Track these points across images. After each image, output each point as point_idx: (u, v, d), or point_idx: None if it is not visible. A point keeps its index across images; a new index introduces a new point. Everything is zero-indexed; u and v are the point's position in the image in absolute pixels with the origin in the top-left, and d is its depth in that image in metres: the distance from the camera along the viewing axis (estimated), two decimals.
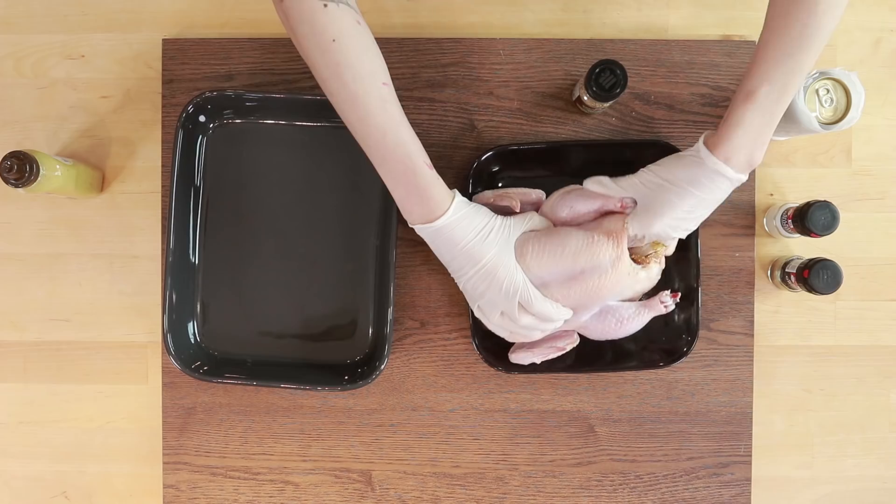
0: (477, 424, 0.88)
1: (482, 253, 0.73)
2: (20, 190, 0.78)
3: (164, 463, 0.89)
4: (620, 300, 0.79)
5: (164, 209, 0.88)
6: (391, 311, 0.82)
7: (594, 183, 0.78)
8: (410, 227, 0.72)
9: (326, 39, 0.65)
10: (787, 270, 0.84)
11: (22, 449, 0.91)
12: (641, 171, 0.76)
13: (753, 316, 0.88)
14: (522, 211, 0.80)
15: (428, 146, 0.70)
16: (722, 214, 0.87)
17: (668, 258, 0.79)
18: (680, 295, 0.81)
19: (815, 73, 0.79)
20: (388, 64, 0.69)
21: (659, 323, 0.85)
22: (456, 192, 0.73)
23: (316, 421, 0.88)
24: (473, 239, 0.72)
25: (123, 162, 0.90)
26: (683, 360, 0.84)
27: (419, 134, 0.70)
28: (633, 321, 0.79)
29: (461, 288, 0.76)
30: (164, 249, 0.85)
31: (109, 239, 0.90)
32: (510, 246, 0.74)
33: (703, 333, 0.87)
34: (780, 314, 0.89)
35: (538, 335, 0.78)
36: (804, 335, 0.89)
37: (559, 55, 0.88)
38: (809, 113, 0.78)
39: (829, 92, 0.80)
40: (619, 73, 0.77)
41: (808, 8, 0.64)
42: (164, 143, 0.88)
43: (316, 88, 0.87)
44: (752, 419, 0.88)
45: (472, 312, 0.84)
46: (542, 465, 0.88)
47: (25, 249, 0.90)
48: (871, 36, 0.89)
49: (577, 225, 0.78)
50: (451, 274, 0.76)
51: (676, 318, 0.85)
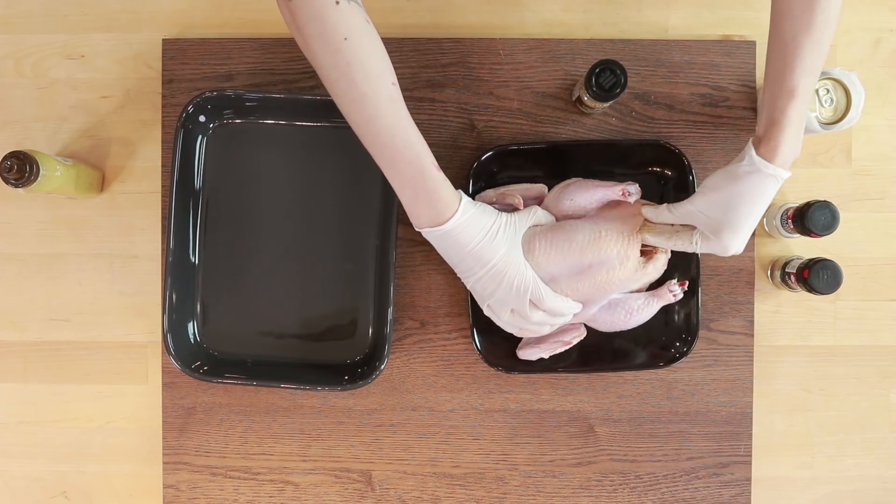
0: (477, 424, 0.88)
1: (492, 253, 0.72)
2: (20, 190, 0.78)
3: (164, 463, 0.89)
4: (628, 292, 0.79)
5: (164, 209, 0.88)
6: (391, 311, 0.82)
7: (652, 213, 0.75)
8: (417, 230, 0.71)
9: (338, 38, 0.64)
10: (787, 270, 0.84)
11: (22, 449, 0.91)
12: (695, 196, 0.72)
13: (753, 316, 0.88)
14: (525, 206, 0.80)
15: (428, 146, 0.70)
16: None
17: (668, 260, 0.79)
18: (687, 284, 0.81)
19: None
20: (386, 51, 0.68)
21: (659, 323, 0.85)
22: (462, 192, 0.72)
23: (316, 421, 0.88)
24: (482, 240, 0.72)
25: (123, 162, 0.90)
26: (683, 360, 0.84)
27: None
28: (642, 312, 0.79)
29: (469, 288, 0.76)
30: (164, 249, 0.85)
31: (109, 239, 0.90)
32: (518, 243, 0.74)
33: (703, 333, 0.87)
34: (780, 314, 0.89)
35: (548, 330, 0.78)
36: (804, 335, 0.89)
37: (559, 55, 0.88)
38: (809, 113, 0.78)
39: (829, 92, 0.80)
40: (619, 73, 0.77)
41: None
42: (164, 143, 0.88)
43: (316, 88, 0.88)
44: (752, 419, 0.88)
45: (471, 312, 0.84)
46: (542, 465, 0.88)
47: (25, 249, 0.90)
48: (871, 36, 0.89)
49: (581, 217, 0.78)
50: (458, 275, 0.75)
51: (676, 318, 0.85)
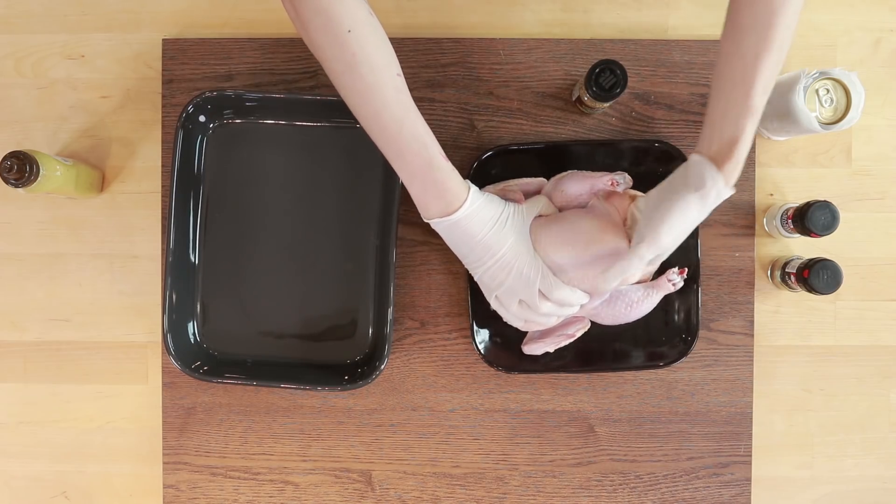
0: (477, 424, 0.88)
1: (501, 242, 0.72)
2: (20, 190, 0.78)
3: (164, 463, 0.89)
4: (630, 284, 0.78)
5: (164, 209, 0.88)
6: (391, 311, 0.82)
7: (609, 282, 0.72)
8: (426, 221, 0.71)
9: (342, 31, 0.64)
10: (787, 270, 0.84)
11: (22, 449, 0.91)
12: (654, 232, 0.69)
13: (753, 316, 0.88)
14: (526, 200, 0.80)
15: None
16: (722, 214, 0.87)
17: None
18: (686, 271, 0.79)
19: (815, 72, 0.79)
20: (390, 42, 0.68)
21: (659, 323, 0.85)
22: (470, 182, 0.72)
23: (316, 421, 0.88)
24: (491, 229, 0.71)
25: (123, 162, 0.90)
26: (683, 360, 0.84)
27: None
28: (643, 303, 0.78)
29: (477, 279, 0.75)
30: (164, 249, 0.85)
31: (109, 239, 0.90)
32: (526, 232, 0.74)
33: (703, 333, 0.87)
34: (780, 314, 0.89)
35: (554, 321, 0.77)
36: (804, 335, 0.89)
37: (559, 55, 0.88)
38: (809, 113, 0.78)
39: (829, 92, 0.80)
40: (619, 73, 0.77)
41: (788, 3, 0.62)
42: (164, 143, 0.88)
43: (316, 88, 0.88)
44: (752, 419, 0.88)
45: (471, 312, 0.84)
46: (542, 465, 0.88)
47: (25, 249, 0.90)
48: (871, 36, 0.89)
49: (580, 206, 0.78)
50: (466, 266, 0.75)
51: (676, 318, 0.85)
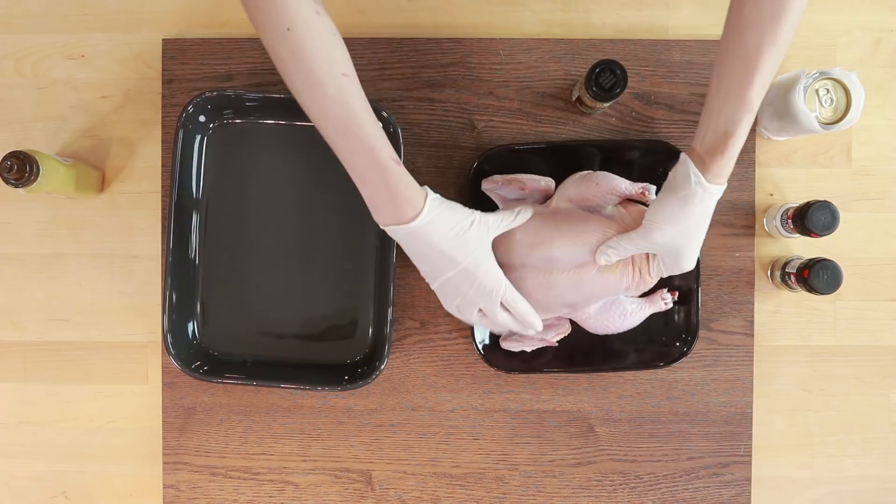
0: (477, 424, 0.88)
1: (463, 253, 0.70)
2: (20, 190, 0.78)
3: (164, 463, 0.89)
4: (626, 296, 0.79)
5: (164, 209, 0.88)
6: (391, 311, 0.82)
7: (604, 257, 0.74)
8: (381, 228, 0.70)
9: (281, 28, 0.63)
10: (787, 270, 0.84)
11: (22, 449, 0.91)
12: (649, 231, 0.71)
13: (753, 316, 0.88)
14: (531, 197, 0.80)
15: (428, 146, 0.70)
16: (722, 214, 0.87)
17: None
18: (678, 294, 0.82)
19: (815, 72, 0.79)
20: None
21: (659, 323, 0.85)
22: (427, 189, 0.70)
23: (316, 421, 0.88)
24: (452, 239, 0.70)
25: (123, 162, 0.90)
26: (683, 360, 0.84)
27: (419, 134, 0.70)
28: (635, 315, 0.79)
29: (434, 289, 0.74)
30: (164, 249, 0.85)
31: (109, 239, 0.90)
32: (488, 243, 0.72)
33: (703, 333, 0.87)
34: (780, 314, 0.89)
35: (510, 330, 0.77)
36: (804, 335, 0.89)
37: (559, 55, 0.88)
38: (809, 113, 0.78)
39: (829, 92, 0.79)
40: (619, 73, 0.77)
41: (792, 2, 0.62)
42: (164, 143, 0.88)
43: None
44: (752, 419, 0.88)
45: None
46: (542, 465, 0.88)
47: (25, 249, 0.90)
48: (871, 36, 0.89)
49: (592, 207, 0.78)
50: (423, 275, 0.73)
51: (676, 318, 0.85)
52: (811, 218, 0.79)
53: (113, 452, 0.91)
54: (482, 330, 0.85)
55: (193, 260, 0.87)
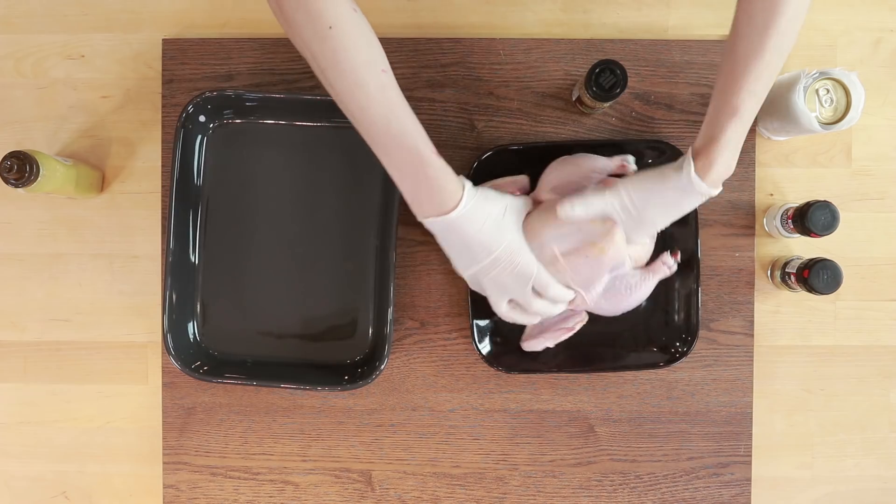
0: (477, 424, 0.88)
1: (498, 241, 0.71)
2: (20, 190, 0.78)
3: (164, 463, 0.89)
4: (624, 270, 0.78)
5: (164, 209, 0.88)
6: (391, 311, 0.82)
7: (569, 208, 0.72)
8: (420, 220, 0.70)
9: (323, 27, 0.63)
10: (787, 270, 0.84)
11: (22, 449, 0.91)
12: (621, 188, 0.72)
13: (753, 316, 0.88)
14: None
15: None
16: (722, 214, 0.87)
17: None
18: (680, 254, 0.79)
19: (815, 72, 0.79)
20: (378, 40, 0.68)
21: (659, 323, 0.85)
22: (464, 179, 0.71)
23: (316, 421, 0.88)
24: (489, 227, 0.70)
25: (123, 162, 0.90)
26: (683, 360, 0.84)
27: None
28: (641, 287, 0.77)
29: (467, 277, 0.74)
30: (164, 249, 0.85)
31: (109, 239, 0.90)
32: (520, 229, 0.73)
33: (703, 333, 0.87)
34: (780, 314, 0.89)
35: (538, 319, 0.77)
36: (804, 335, 0.89)
37: (559, 55, 0.88)
38: (809, 113, 0.78)
39: (829, 92, 0.79)
40: (619, 73, 0.77)
41: (781, 13, 0.63)
42: (164, 143, 0.88)
43: (316, 88, 0.88)
44: (752, 419, 0.88)
45: (471, 313, 0.84)
46: (542, 465, 0.88)
47: (25, 249, 0.90)
48: (871, 36, 0.89)
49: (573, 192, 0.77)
50: (456, 265, 0.73)
51: (676, 318, 0.85)
52: (811, 218, 0.79)
53: (113, 452, 0.91)
54: (482, 330, 0.85)
55: (193, 260, 0.87)
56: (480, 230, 0.70)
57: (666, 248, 0.80)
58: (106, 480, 0.91)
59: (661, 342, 0.86)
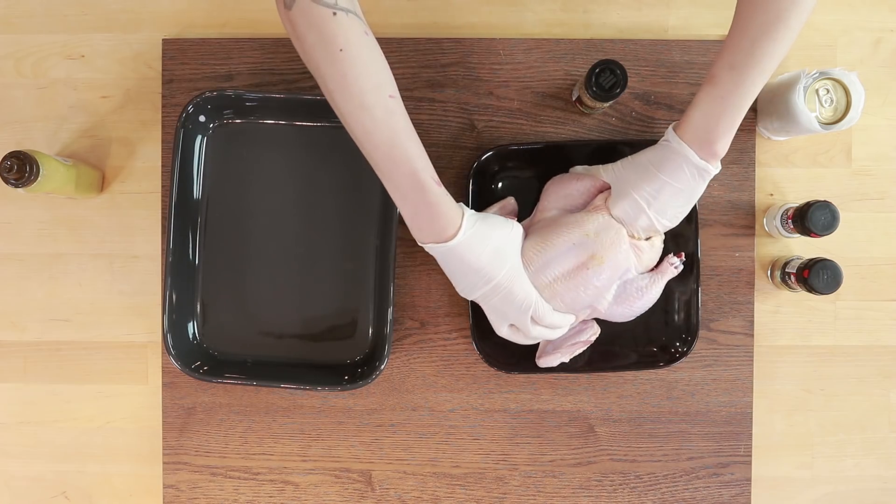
0: (477, 424, 0.88)
1: (497, 269, 0.71)
2: (20, 190, 0.78)
3: (164, 463, 0.89)
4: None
5: (164, 209, 0.88)
6: (391, 311, 0.82)
7: (581, 169, 0.80)
8: (420, 245, 0.71)
9: (334, 49, 0.64)
10: (787, 270, 0.84)
11: (22, 449, 0.91)
12: (624, 158, 0.77)
13: (753, 316, 0.88)
14: None
15: (428, 146, 0.70)
16: (722, 214, 0.87)
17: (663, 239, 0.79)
18: (684, 255, 0.80)
19: (815, 72, 0.79)
20: (387, 64, 0.68)
21: (659, 323, 0.85)
22: (464, 206, 0.71)
23: (316, 421, 0.88)
24: (488, 255, 0.71)
25: (123, 162, 0.90)
26: (683, 360, 0.84)
27: (419, 134, 0.70)
28: (651, 290, 0.78)
29: (471, 299, 0.75)
30: (164, 249, 0.85)
31: (109, 239, 0.90)
32: (519, 258, 0.74)
33: (703, 333, 0.87)
34: (780, 314, 0.89)
35: (542, 340, 0.79)
36: (804, 335, 0.89)
37: (559, 55, 0.88)
38: (809, 113, 0.78)
39: (829, 92, 0.79)
40: (619, 73, 0.77)
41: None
42: (164, 143, 0.88)
43: (316, 88, 0.87)
44: (752, 419, 0.88)
45: (471, 313, 0.84)
46: (542, 465, 0.88)
47: (25, 249, 0.90)
48: (871, 36, 0.89)
49: (570, 211, 0.79)
50: (457, 289, 0.74)
51: (676, 318, 0.85)
52: (811, 218, 0.78)
53: (113, 452, 0.91)
54: (482, 330, 0.85)
55: (193, 260, 0.87)
56: (479, 258, 0.70)
57: (667, 248, 0.80)
58: (106, 480, 0.91)
59: (661, 342, 0.86)
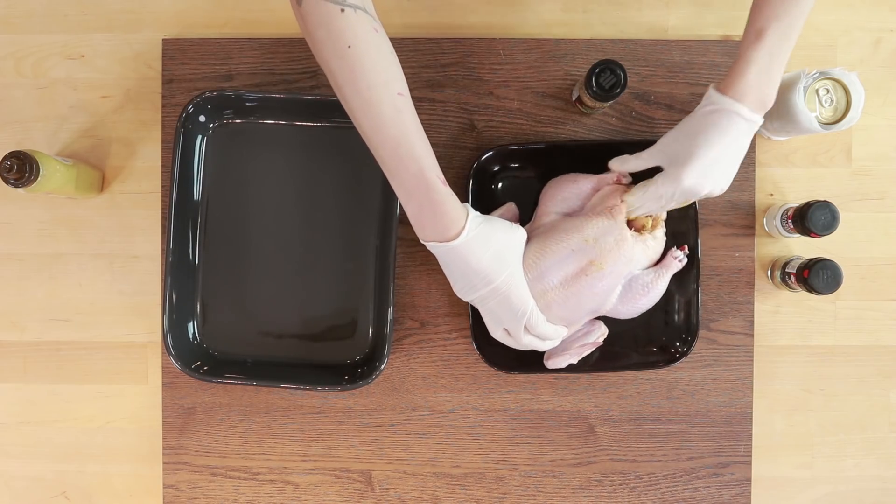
0: (477, 424, 0.88)
1: (497, 273, 0.71)
2: (20, 190, 0.78)
3: (164, 463, 0.89)
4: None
5: (164, 209, 0.88)
6: (391, 311, 0.82)
7: (618, 163, 0.78)
8: (422, 243, 0.71)
9: (342, 45, 0.64)
10: (787, 270, 0.84)
11: (22, 449, 0.91)
12: (659, 140, 0.75)
13: (753, 316, 0.88)
14: None
15: None
16: (722, 214, 0.87)
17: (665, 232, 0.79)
18: (687, 248, 0.80)
19: (815, 72, 0.79)
20: (398, 61, 0.68)
21: (659, 323, 0.85)
22: (469, 207, 0.71)
23: (316, 421, 0.88)
24: (489, 258, 0.71)
25: (123, 162, 0.90)
26: (683, 360, 0.84)
27: None
28: (657, 285, 0.78)
29: (465, 300, 0.75)
30: (164, 249, 0.85)
31: (109, 239, 0.90)
32: (520, 263, 0.73)
33: (703, 333, 0.87)
34: (780, 314, 0.89)
35: (532, 349, 0.78)
36: (804, 335, 0.89)
37: (559, 55, 0.88)
38: (809, 113, 0.78)
39: (829, 92, 0.79)
40: (619, 73, 0.77)
41: None
42: (164, 143, 0.88)
43: (316, 88, 0.88)
44: (752, 419, 0.88)
45: (471, 313, 0.84)
46: (542, 465, 0.88)
47: (25, 249, 0.90)
48: (871, 36, 0.89)
49: (569, 214, 0.79)
50: (455, 289, 0.74)
51: (676, 318, 0.85)
52: (811, 218, 0.79)
53: (113, 452, 0.91)
54: (482, 330, 0.85)
55: (193, 260, 0.87)
56: (480, 260, 0.70)
57: (667, 246, 0.80)
58: (106, 480, 0.91)
59: (661, 342, 0.86)
